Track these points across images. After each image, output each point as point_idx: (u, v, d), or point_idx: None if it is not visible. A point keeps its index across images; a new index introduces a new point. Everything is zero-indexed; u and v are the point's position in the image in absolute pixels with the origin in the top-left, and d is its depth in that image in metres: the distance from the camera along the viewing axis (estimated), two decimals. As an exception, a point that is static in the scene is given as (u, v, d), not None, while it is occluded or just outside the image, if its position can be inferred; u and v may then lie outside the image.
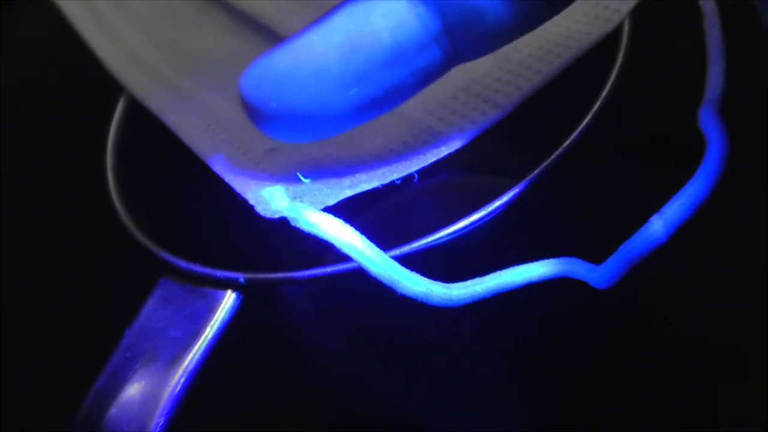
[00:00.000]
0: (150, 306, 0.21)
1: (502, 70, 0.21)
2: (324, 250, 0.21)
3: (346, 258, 0.17)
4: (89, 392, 0.20)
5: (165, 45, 0.25)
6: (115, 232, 0.22)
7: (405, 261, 0.18)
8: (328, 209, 0.18)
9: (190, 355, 0.20)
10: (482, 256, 0.19)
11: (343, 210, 0.19)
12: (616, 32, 0.21)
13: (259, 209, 0.18)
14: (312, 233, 0.17)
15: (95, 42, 0.26)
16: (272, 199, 0.18)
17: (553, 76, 0.20)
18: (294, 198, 0.18)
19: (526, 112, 0.20)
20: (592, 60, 0.21)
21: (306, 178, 0.19)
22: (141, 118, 0.24)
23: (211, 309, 0.20)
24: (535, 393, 0.23)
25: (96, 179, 0.23)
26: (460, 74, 0.21)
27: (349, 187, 0.18)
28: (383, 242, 0.18)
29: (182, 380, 0.19)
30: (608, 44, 0.21)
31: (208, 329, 0.20)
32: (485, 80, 0.21)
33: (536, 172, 0.18)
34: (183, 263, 0.21)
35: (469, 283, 0.18)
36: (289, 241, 0.19)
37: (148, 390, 0.20)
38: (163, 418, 0.19)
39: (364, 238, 0.17)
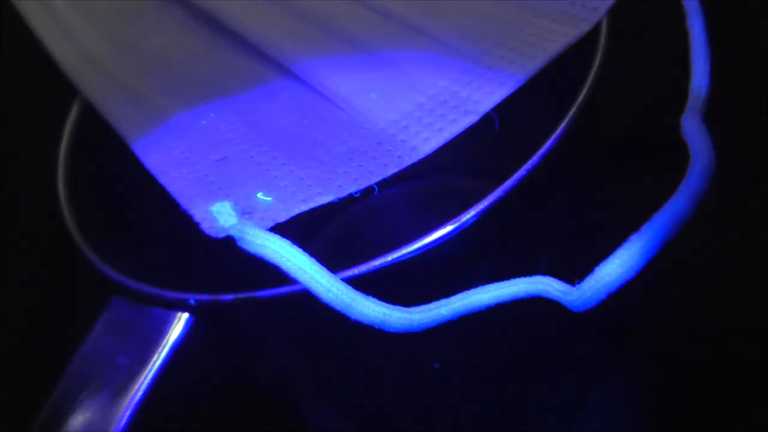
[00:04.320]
0: (98, 329, 0.19)
1: (472, 75, 0.19)
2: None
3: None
4: (32, 426, 0.19)
5: (122, 44, 0.24)
6: (67, 250, 0.21)
7: (364, 281, 0.16)
8: (281, 227, 0.17)
9: (138, 384, 0.18)
10: (451, 271, 0.18)
11: (302, 225, 0.18)
12: (595, 32, 0.19)
13: (205, 227, 0.17)
14: (258, 255, 0.16)
15: (50, 40, 0.24)
16: (219, 216, 0.17)
17: (526, 80, 0.19)
18: (243, 214, 0.17)
19: (501, 118, 0.19)
20: (570, 61, 0.19)
21: (264, 196, 0.17)
22: (95, 126, 0.22)
23: (161, 332, 0.19)
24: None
25: (47, 192, 0.22)
26: (427, 80, 0.20)
27: (303, 201, 0.17)
28: (345, 259, 0.17)
29: (128, 411, 0.18)
30: (587, 45, 0.19)
31: (157, 355, 0.19)
32: (453, 86, 0.19)
33: (505, 184, 0.17)
34: (132, 283, 0.19)
35: (433, 305, 0.16)
36: (249, 259, 0.18)
37: (93, 422, 0.18)
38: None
39: (312, 260, 0.15)
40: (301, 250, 0.16)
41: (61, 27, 0.24)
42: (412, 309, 0.16)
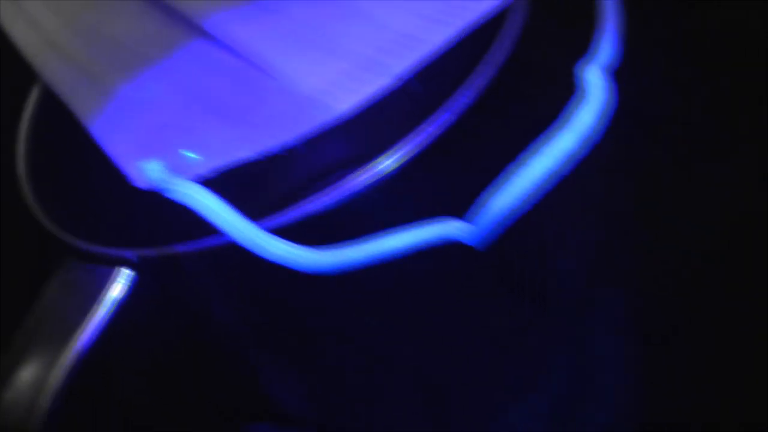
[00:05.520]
0: (51, 288, 0.21)
1: (394, 41, 0.20)
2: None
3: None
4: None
5: (82, 30, 0.25)
6: (23, 215, 0.22)
7: (290, 230, 0.17)
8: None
9: (81, 336, 0.20)
10: (371, 225, 0.19)
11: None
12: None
13: (134, 179, 0.18)
14: (183, 203, 0.17)
15: (13, 27, 0.26)
16: (149, 170, 0.18)
17: (442, 46, 0.20)
18: (171, 168, 0.18)
19: (420, 80, 0.20)
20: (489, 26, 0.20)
21: (189, 152, 0.19)
22: (54, 106, 0.24)
23: (104, 288, 0.20)
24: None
25: (7, 164, 0.23)
26: (353, 47, 0.21)
27: (226, 157, 0.18)
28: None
29: (71, 362, 0.19)
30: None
31: (101, 308, 0.20)
32: (376, 54, 0.20)
33: (414, 140, 0.18)
34: (79, 243, 0.20)
35: (342, 248, 0.17)
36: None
37: (39, 372, 0.19)
38: (52, 399, 0.19)
39: (225, 204, 0.17)
40: (216, 196, 0.17)
41: (25, 15, 0.26)
42: (322, 250, 0.17)
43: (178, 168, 0.18)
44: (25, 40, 0.25)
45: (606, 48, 0.19)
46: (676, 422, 0.25)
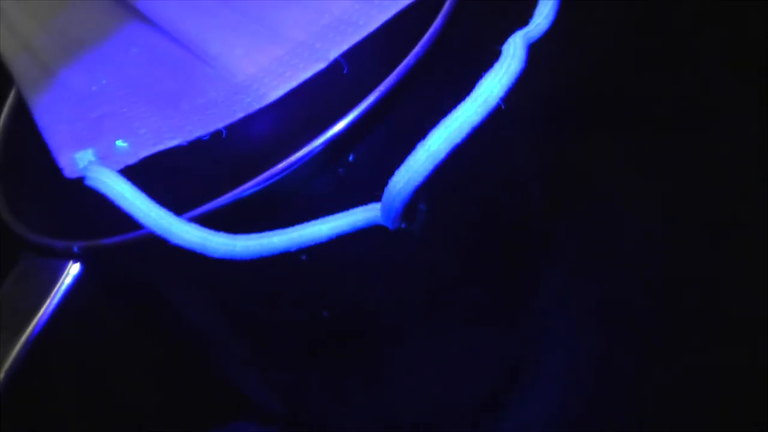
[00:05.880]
0: (8, 280, 0.22)
1: (328, 27, 0.20)
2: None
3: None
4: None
5: (54, 32, 0.26)
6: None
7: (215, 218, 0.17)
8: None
9: (31, 326, 0.20)
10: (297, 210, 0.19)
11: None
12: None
13: (66, 171, 0.19)
14: (101, 193, 0.17)
15: None
16: (80, 161, 0.19)
17: (376, 29, 0.20)
18: (101, 158, 0.19)
19: (350, 63, 0.20)
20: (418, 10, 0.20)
21: (123, 143, 0.19)
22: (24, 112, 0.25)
23: (53, 279, 0.20)
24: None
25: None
26: (287, 32, 0.21)
27: (153, 144, 0.18)
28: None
29: (21, 350, 0.20)
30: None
31: (49, 299, 0.20)
32: (310, 39, 0.20)
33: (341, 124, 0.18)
34: (30, 236, 0.21)
35: (264, 234, 0.17)
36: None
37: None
38: (3, 387, 0.20)
39: (139, 192, 0.17)
40: (132, 185, 0.17)
41: (3, 19, 0.27)
42: (237, 235, 0.17)
43: (109, 157, 0.18)
44: (7, 43, 0.26)
45: (540, 19, 0.19)
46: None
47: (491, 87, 0.15)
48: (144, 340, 0.23)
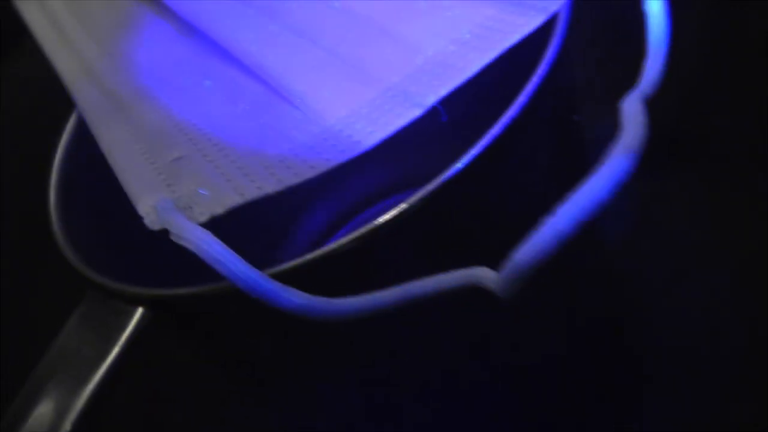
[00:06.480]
0: (71, 323, 0.21)
1: (423, 71, 0.19)
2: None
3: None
4: (5, 413, 0.20)
5: (117, 56, 0.25)
6: (49, 247, 0.22)
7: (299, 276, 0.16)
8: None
9: (97, 374, 0.19)
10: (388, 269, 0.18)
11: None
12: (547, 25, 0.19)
13: (147, 221, 0.18)
14: (185, 245, 0.16)
15: (54, 53, 0.26)
16: (161, 211, 0.18)
17: (475, 73, 0.19)
18: (184, 209, 0.18)
19: (448, 110, 0.19)
20: (519, 52, 0.19)
21: (204, 190, 0.18)
22: (88, 136, 0.24)
23: (121, 326, 0.20)
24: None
25: (37, 195, 0.23)
26: (380, 75, 0.20)
27: (240, 194, 0.17)
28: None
29: (87, 399, 0.19)
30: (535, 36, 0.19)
31: (117, 347, 0.19)
32: (404, 82, 0.19)
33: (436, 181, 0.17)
34: (99, 278, 0.20)
35: (362, 297, 0.16)
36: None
37: (56, 408, 0.19)
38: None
39: (232, 252, 0.16)
40: (219, 241, 0.16)
41: (64, 40, 0.26)
42: (341, 300, 0.16)
43: (192, 208, 0.17)
44: (65, 66, 0.25)
45: (651, 74, 0.18)
46: None
47: (619, 161, 0.14)
48: (213, 388, 0.22)
